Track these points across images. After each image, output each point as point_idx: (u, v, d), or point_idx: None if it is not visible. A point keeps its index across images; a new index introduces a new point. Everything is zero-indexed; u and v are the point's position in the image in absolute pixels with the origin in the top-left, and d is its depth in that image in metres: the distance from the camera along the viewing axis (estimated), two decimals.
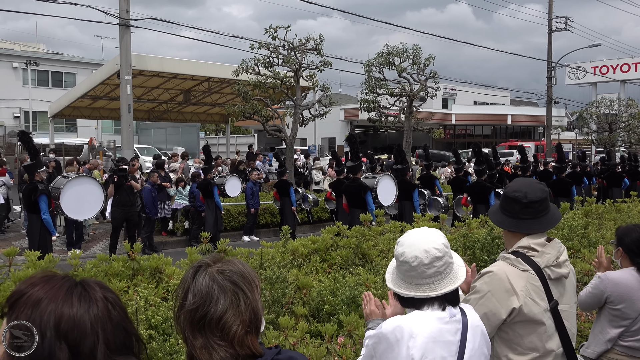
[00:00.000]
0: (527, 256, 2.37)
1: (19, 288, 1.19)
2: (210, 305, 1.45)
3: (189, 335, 1.47)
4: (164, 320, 3.42)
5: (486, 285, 2.34)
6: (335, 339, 3.19)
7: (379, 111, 19.35)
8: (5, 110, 39.17)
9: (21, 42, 48.74)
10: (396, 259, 2.05)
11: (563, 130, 45.10)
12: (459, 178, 12.52)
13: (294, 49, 15.81)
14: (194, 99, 23.55)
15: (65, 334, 1.12)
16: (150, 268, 4.32)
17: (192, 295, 1.48)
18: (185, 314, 1.47)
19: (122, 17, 15.23)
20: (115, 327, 1.19)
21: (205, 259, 1.57)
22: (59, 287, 1.18)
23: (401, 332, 1.88)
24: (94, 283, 1.24)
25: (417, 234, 2.05)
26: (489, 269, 2.40)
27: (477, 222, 6.67)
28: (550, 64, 31.28)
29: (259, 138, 35.80)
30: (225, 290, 1.47)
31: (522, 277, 2.32)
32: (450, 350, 1.90)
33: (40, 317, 1.13)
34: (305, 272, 4.45)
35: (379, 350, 1.92)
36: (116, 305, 1.22)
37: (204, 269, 1.52)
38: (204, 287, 1.48)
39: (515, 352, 2.32)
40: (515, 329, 2.31)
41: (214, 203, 11.78)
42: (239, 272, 1.52)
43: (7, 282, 3.66)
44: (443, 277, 1.98)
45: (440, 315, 1.94)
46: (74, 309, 1.15)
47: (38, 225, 8.13)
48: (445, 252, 2.00)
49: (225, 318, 1.45)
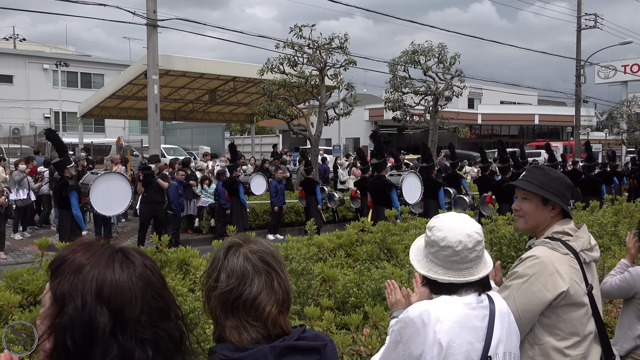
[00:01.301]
0: (563, 241, 2.37)
1: (61, 254, 1.21)
2: (245, 286, 1.45)
3: (219, 316, 1.46)
4: (191, 311, 3.47)
5: (529, 269, 2.31)
6: (360, 329, 3.19)
7: (404, 110, 19.26)
8: (36, 111, 40.03)
9: (51, 45, 49.81)
10: (434, 244, 2.00)
11: (592, 130, 44.28)
12: (485, 177, 12.39)
13: (319, 48, 15.83)
14: (219, 99, 23.76)
15: (107, 299, 1.14)
16: (178, 260, 4.38)
17: (225, 276, 1.47)
18: (218, 295, 1.46)
19: (149, 18, 15.46)
20: (156, 293, 1.20)
21: (235, 239, 1.56)
22: (100, 254, 1.20)
23: (428, 317, 1.87)
24: (133, 250, 1.26)
25: (455, 218, 2.03)
26: (530, 253, 2.38)
27: (504, 219, 6.59)
28: (580, 63, 30.76)
29: (283, 138, 35.94)
30: (259, 271, 1.47)
31: (564, 261, 2.31)
32: (477, 336, 1.88)
33: (82, 282, 1.14)
34: (330, 265, 4.47)
35: (405, 335, 1.91)
36: (155, 272, 1.24)
37: (235, 249, 1.52)
38: (238, 267, 1.47)
39: (557, 338, 2.29)
40: (558, 312, 2.29)
41: (239, 201, 11.86)
42: (269, 252, 1.53)
43: (39, 271, 3.75)
44: (480, 261, 1.98)
45: (468, 300, 1.93)
46: (116, 274, 1.17)
47: (69, 221, 8.30)
48: (483, 237, 2.00)
49: (260, 298, 1.45)
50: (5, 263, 10.03)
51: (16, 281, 3.57)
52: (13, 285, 3.54)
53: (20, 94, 39.80)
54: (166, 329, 1.19)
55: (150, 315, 1.17)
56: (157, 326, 1.18)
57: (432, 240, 2.00)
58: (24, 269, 3.69)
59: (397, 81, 18.86)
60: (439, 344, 1.84)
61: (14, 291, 3.47)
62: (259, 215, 13.58)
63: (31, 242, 11.78)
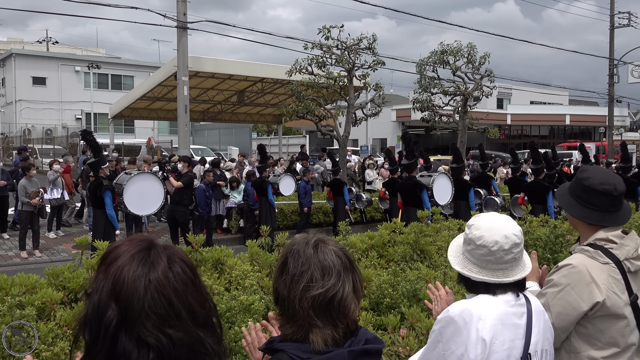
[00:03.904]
0: (606, 248, 2.28)
1: (110, 247, 1.24)
2: (340, 285, 1.41)
3: (311, 316, 1.39)
4: (227, 309, 3.50)
5: (565, 278, 2.26)
6: (397, 330, 3.18)
7: (432, 110, 19.13)
8: (68, 113, 40.88)
9: (82, 47, 50.82)
10: (470, 242, 2.01)
11: (625, 131, 43.31)
12: (516, 178, 12.22)
13: (347, 49, 15.83)
14: (247, 100, 23.94)
15: (118, 295, 1.13)
16: (212, 259, 4.41)
17: (319, 275, 1.41)
18: (314, 296, 1.40)
19: (179, 20, 15.65)
20: (166, 299, 1.15)
21: (312, 236, 1.51)
22: (132, 249, 1.20)
23: (470, 315, 1.86)
24: (165, 250, 1.22)
25: (495, 218, 2.01)
26: (567, 261, 2.32)
27: (538, 221, 6.50)
28: (612, 62, 30.12)
29: (310, 139, 36.00)
30: (347, 270, 1.46)
31: (603, 270, 2.23)
32: (517, 333, 1.88)
33: (105, 276, 1.16)
34: (365, 266, 4.45)
35: (446, 334, 1.89)
36: (179, 276, 1.19)
37: (323, 246, 1.47)
38: (332, 265, 1.43)
39: (595, 347, 2.23)
40: (595, 323, 2.23)
41: (268, 201, 11.91)
42: (344, 249, 1.51)
43: (79, 269, 3.81)
44: (517, 264, 1.96)
45: (506, 298, 1.92)
46: (131, 271, 1.15)
47: (103, 220, 8.44)
48: (522, 239, 1.98)
49: (350, 297, 1.43)
50: (41, 261, 10.26)
51: (57, 279, 3.65)
52: (54, 282, 3.61)
53: (53, 95, 40.73)
54: (177, 338, 1.14)
55: (161, 316, 1.14)
56: (163, 332, 1.13)
57: (469, 238, 2.01)
58: (64, 266, 3.75)
59: (426, 81, 18.74)
60: (482, 341, 1.82)
61: (55, 288, 3.54)
62: (287, 216, 13.62)
63: (65, 240, 12.04)
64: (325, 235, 1.57)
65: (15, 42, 52.53)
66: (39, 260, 10.37)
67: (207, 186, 11.83)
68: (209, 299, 1.26)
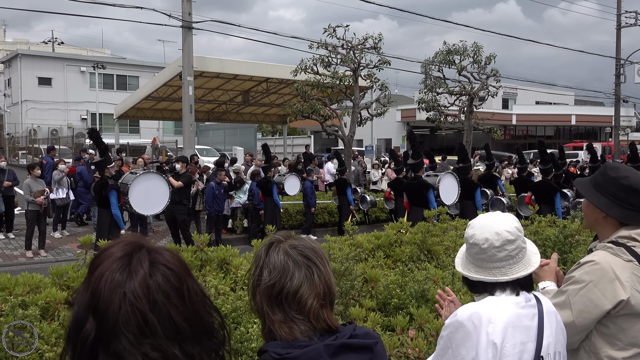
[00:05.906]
0: (629, 246, 2.20)
1: (99, 250, 1.16)
2: (287, 280, 1.46)
3: (267, 312, 1.47)
4: (233, 309, 3.45)
5: (587, 275, 2.17)
6: (406, 331, 3.13)
7: (437, 111, 19.05)
8: (74, 113, 41.01)
9: (87, 48, 50.98)
10: (466, 241, 1.99)
11: (632, 131, 43.06)
12: (522, 178, 12.16)
13: (352, 48, 15.77)
14: (252, 100, 23.91)
15: (95, 308, 1.05)
16: (218, 259, 4.38)
17: (267, 272, 1.49)
18: (262, 290, 1.48)
19: (184, 20, 15.64)
20: (149, 312, 1.06)
21: (276, 236, 1.58)
22: (116, 253, 1.11)
23: (479, 319, 1.80)
24: (149, 255, 1.12)
25: (490, 216, 1.98)
26: (590, 257, 2.24)
27: (546, 221, 6.43)
28: (619, 61, 29.96)
29: (315, 139, 35.97)
30: (299, 265, 1.48)
31: (627, 268, 2.16)
32: (529, 335, 1.83)
33: (86, 286, 1.08)
34: (372, 266, 4.40)
35: (455, 339, 1.84)
36: (160, 286, 1.09)
37: (276, 245, 1.53)
38: (278, 262, 1.49)
39: (616, 348, 2.15)
40: (617, 322, 2.15)
41: (273, 201, 11.88)
42: (310, 247, 1.53)
43: (83, 269, 3.78)
44: (515, 261, 1.90)
45: (516, 300, 1.87)
46: (108, 282, 1.06)
47: (107, 220, 8.42)
48: (517, 236, 1.91)
49: (300, 292, 1.45)
50: (46, 261, 10.25)
51: (61, 278, 3.62)
52: (59, 282, 3.58)
53: (59, 96, 40.87)
54: (153, 357, 1.04)
55: (134, 336, 1.04)
56: (138, 350, 1.04)
57: (465, 238, 2.00)
58: (68, 266, 3.73)
59: (431, 81, 18.67)
60: (493, 345, 1.77)
61: (60, 288, 3.51)
62: (292, 216, 13.60)
63: (70, 240, 12.03)
64: (295, 234, 1.60)
65: (21, 43, 52.80)
66: (44, 259, 10.36)
67: (218, 185, 11.77)
68: (206, 305, 1.17)
